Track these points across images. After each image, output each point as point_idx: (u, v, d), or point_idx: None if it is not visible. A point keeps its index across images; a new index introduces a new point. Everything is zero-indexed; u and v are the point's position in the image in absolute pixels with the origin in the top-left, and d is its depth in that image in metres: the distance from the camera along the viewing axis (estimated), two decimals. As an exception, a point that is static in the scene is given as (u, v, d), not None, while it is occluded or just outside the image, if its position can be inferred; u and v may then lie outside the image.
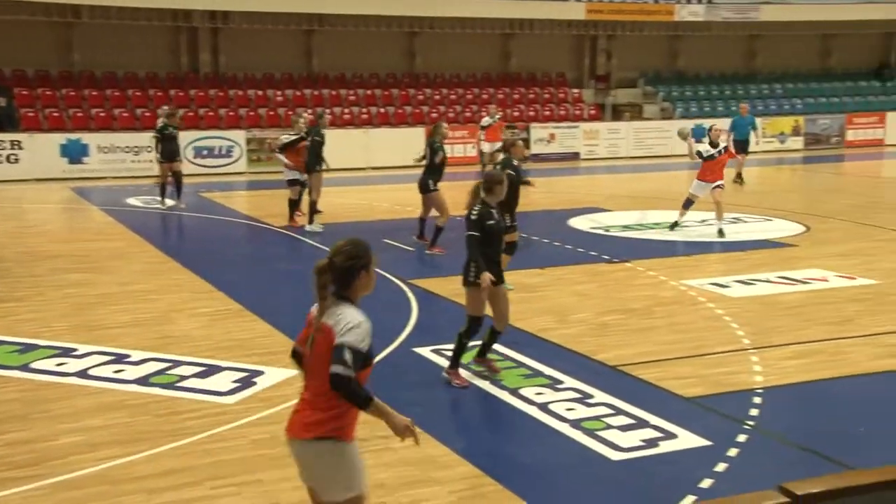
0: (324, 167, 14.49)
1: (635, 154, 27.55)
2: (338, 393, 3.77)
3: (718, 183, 13.91)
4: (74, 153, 21.68)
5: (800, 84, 32.65)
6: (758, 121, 23.21)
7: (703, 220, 15.40)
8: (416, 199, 13.26)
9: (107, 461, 5.81)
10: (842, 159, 27.71)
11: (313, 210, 14.43)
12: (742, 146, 20.43)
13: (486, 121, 22.41)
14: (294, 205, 15.06)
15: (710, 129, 14.62)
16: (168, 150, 17.05)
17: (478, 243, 6.94)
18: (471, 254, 7.02)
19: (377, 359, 7.90)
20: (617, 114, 29.72)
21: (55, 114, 23.27)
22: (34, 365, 7.71)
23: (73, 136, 21.82)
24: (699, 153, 14.07)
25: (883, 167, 26.41)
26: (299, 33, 27.19)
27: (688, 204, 14.13)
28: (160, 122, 17.54)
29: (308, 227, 14.29)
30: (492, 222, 6.99)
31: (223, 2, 25.07)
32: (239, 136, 23.72)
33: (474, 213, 7.00)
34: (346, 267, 3.91)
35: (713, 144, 14.05)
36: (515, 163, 10.49)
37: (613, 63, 31.16)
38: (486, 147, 22.21)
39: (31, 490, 5.41)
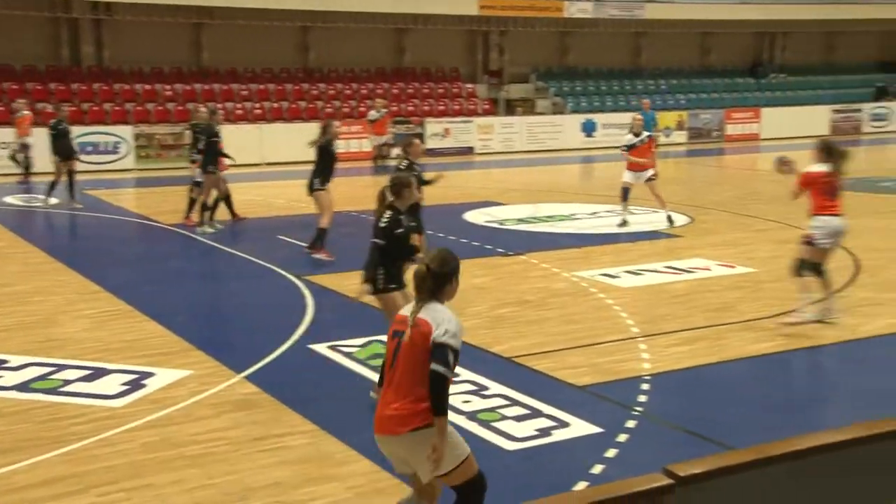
0: (214, 169, 13.91)
1: (529, 148, 28.02)
2: (432, 390, 4.12)
3: (651, 174, 14.38)
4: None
5: (682, 80, 33.83)
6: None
7: (594, 213, 15.79)
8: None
9: (-14, 472, 5.56)
10: (722, 153, 28.85)
11: (205, 209, 14.08)
12: None
13: (372, 115, 22.67)
14: (194, 203, 14.61)
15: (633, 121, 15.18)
16: (63, 148, 16.40)
17: (381, 252, 6.77)
18: (372, 261, 6.84)
19: (272, 356, 7.85)
20: (510, 108, 30.14)
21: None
22: None
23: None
24: (624, 146, 14.63)
25: (758, 160, 27.63)
26: (188, 26, 26.51)
27: (625, 194, 14.43)
28: (53, 120, 16.92)
29: (198, 230, 13.89)
30: (400, 230, 6.75)
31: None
32: (126, 131, 22.98)
33: (384, 221, 6.73)
34: (444, 272, 4.37)
35: (636, 134, 14.55)
36: (406, 162, 9.93)
37: (506, 58, 31.56)
38: (374, 140, 22.54)
39: None
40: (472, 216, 15.57)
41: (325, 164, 11.79)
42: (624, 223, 14.20)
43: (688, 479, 2.83)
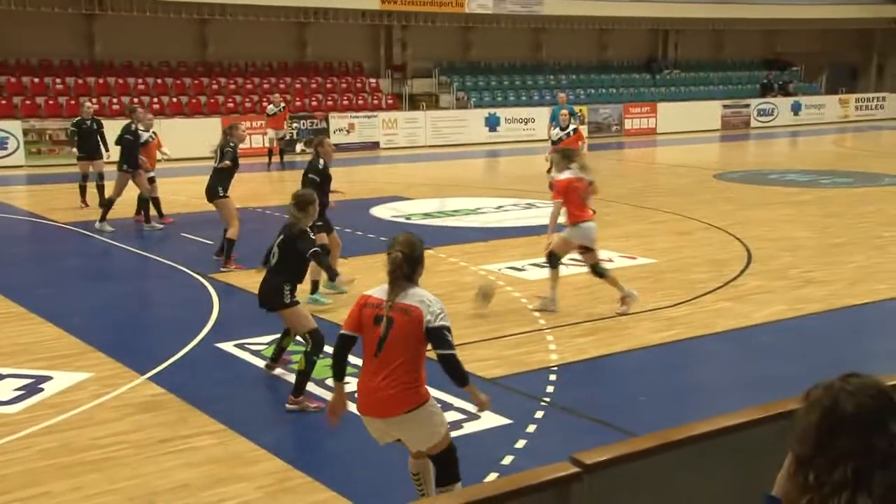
0: (130, 169, 13.63)
1: (434, 143, 28.12)
2: (449, 371, 4.49)
3: None
4: None
5: (582, 75, 34.49)
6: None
7: (500, 207, 15.97)
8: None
9: None
10: (622, 146, 29.56)
11: (108, 207, 13.63)
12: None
13: (270, 109, 22.71)
14: (152, 202, 14.08)
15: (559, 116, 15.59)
16: None
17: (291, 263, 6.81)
18: (282, 278, 6.84)
19: (178, 356, 7.68)
20: (414, 103, 30.17)
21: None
22: None
23: None
24: (553, 140, 15.04)
25: (656, 154, 28.44)
26: (79, 17, 25.58)
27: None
28: None
29: (97, 225, 13.48)
30: (303, 245, 6.81)
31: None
32: (15, 126, 22.04)
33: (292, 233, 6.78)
34: (415, 256, 4.57)
35: (562, 129, 14.87)
36: (322, 163, 9.68)
37: (409, 53, 31.56)
38: (271, 134, 22.64)
39: None
40: (379, 211, 15.55)
41: (227, 170, 11.12)
42: None
43: (594, 467, 2.90)
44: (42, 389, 6.88)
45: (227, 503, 5.16)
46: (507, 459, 5.70)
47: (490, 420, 6.32)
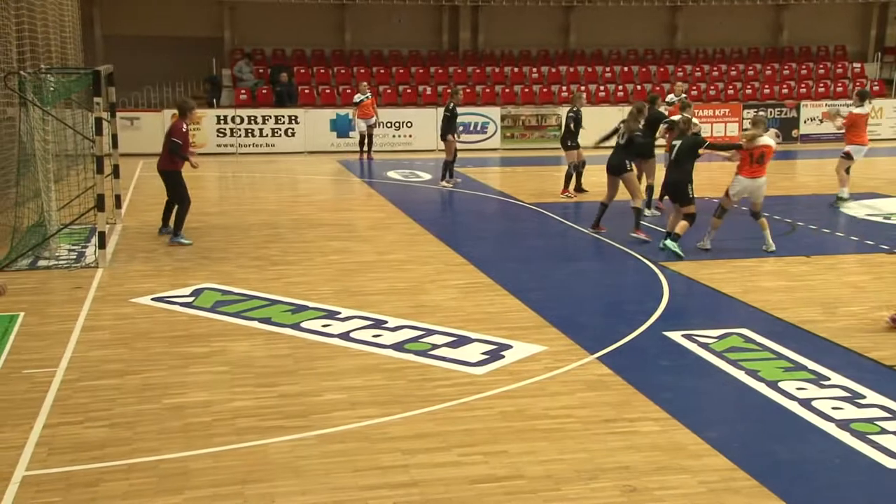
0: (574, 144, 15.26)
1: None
2: None
3: None
4: (342, 128, 23.06)
5: None
6: None
7: None
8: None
9: (365, 419, 6.13)
10: None
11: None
12: None
13: (357, 97, 21.29)
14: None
15: None
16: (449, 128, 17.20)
17: None
18: None
19: (626, 340, 7.78)
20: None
21: (327, 91, 24.85)
22: (304, 325, 8.29)
23: (342, 111, 23.21)
24: None
25: None
26: (559, 9, 27.10)
27: None
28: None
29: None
30: None
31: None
32: (494, 112, 24.11)
33: None
34: None
35: None
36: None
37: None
38: (361, 124, 21.34)
39: (299, 440, 5.83)
40: (851, 208, 14.22)
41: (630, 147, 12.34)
42: None
43: None
44: (503, 356, 7.42)
45: (669, 492, 5.09)
46: None
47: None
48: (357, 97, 21.55)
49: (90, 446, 5.70)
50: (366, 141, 21.68)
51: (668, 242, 10.88)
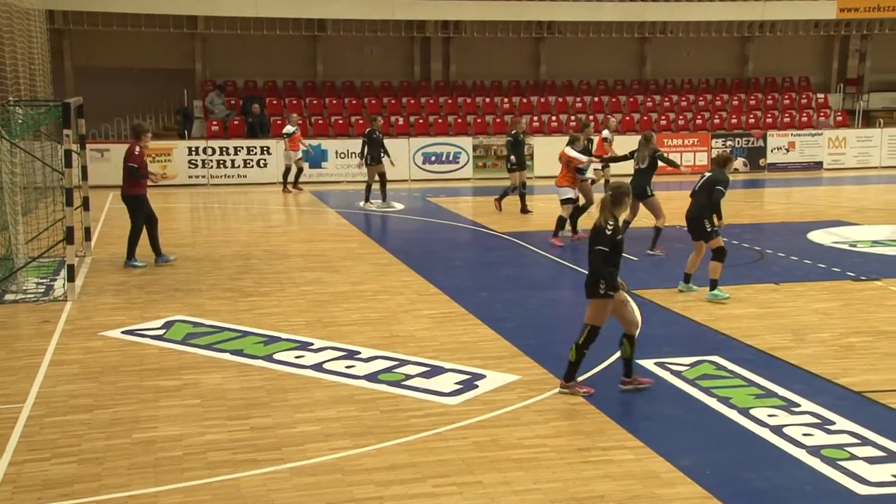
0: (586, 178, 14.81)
1: (889, 163, 25.52)
2: None
3: None
4: (315, 158, 23.07)
5: None
6: None
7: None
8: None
9: (339, 451, 6.09)
10: None
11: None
12: None
13: (288, 129, 20.84)
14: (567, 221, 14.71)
15: None
16: (375, 154, 18.22)
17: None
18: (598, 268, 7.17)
19: (599, 368, 7.80)
20: (868, 120, 27.61)
21: (299, 122, 24.84)
22: (276, 356, 8.24)
23: (314, 142, 23.22)
24: None
25: None
26: (530, 41, 27.39)
27: None
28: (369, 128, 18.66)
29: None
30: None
31: (455, 12, 25.69)
32: (466, 142, 24.24)
33: (608, 229, 7.13)
34: None
35: None
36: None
37: (866, 66, 28.99)
38: (292, 155, 20.74)
39: (272, 473, 5.77)
40: (818, 236, 14.43)
41: (652, 171, 12.87)
42: None
43: None
44: (477, 386, 7.42)
45: (642, 522, 5.10)
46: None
47: (946, 481, 5.47)
48: (287, 129, 21.04)
49: (58, 483, 5.61)
50: (292, 173, 21.21)
51: (685, 285, 10.66)
